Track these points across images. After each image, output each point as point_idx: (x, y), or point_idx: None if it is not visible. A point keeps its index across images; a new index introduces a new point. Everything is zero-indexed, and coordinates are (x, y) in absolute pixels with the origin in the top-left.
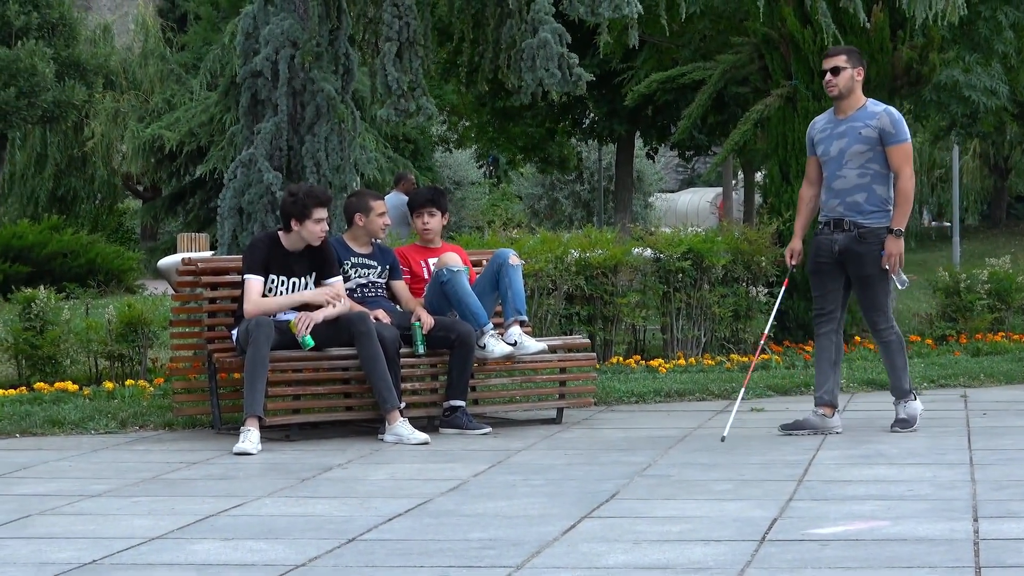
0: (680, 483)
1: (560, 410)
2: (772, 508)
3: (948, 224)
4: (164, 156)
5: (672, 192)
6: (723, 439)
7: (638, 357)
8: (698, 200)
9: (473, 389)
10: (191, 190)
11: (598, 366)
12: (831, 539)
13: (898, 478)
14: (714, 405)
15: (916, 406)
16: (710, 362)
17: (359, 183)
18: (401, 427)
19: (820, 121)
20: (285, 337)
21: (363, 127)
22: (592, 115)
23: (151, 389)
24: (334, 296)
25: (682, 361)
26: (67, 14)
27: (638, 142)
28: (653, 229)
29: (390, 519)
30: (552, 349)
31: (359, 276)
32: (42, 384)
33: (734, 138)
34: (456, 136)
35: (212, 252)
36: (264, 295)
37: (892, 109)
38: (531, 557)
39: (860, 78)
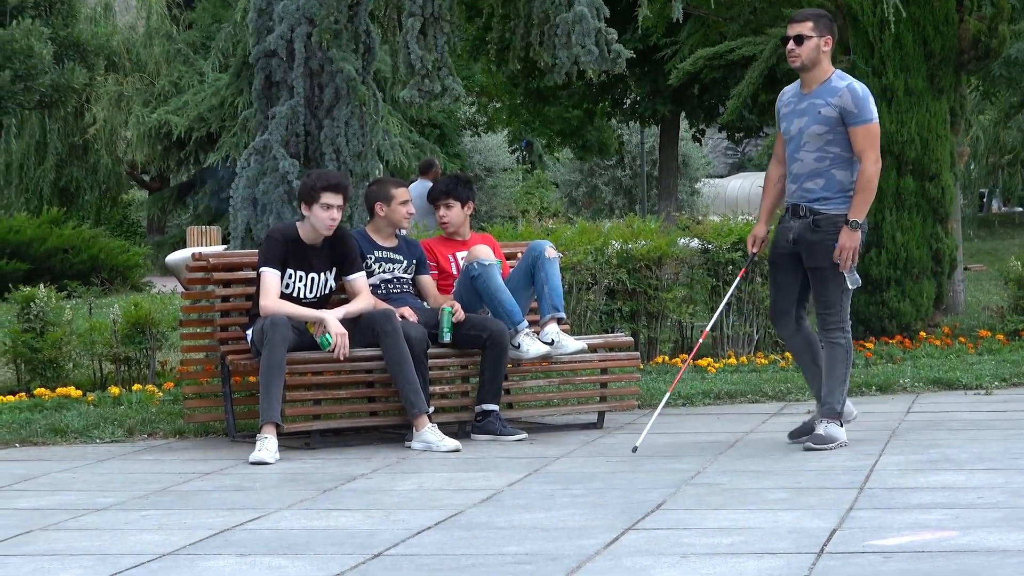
0: (731, 492)
1: (601, 414)
2: (831, 518)
3: (1020, 210)
4: (172, 143)
5: (721, 177)
6: (635, 449)
7: (685, 356)
8: (749, 185)
9: (507, 392)
10: (201, 180)
11: (642, 366)
12: (895, 551)
13: (967, 485)
14: (768, 407)
15: (839, 432)
16: (763, 361)
17: (382, 170)
18: (430, 433)
19: (787, 93)
20: (304, 338)
21: (385, 110)
22: (633, 95)
23: (160, 394)
24: (340, 335)
25: (733, 360)
26: None
27: (683, 124)
28: (700, 217)
29: (418, 532)
30: (592, 348)
31: (383, 271)
32: (43, 390)
33: None
34: (486, 119)
35: (224, 246)
36: (281, 291)
37: (856, 84)
38: (571, 573)
39: (828, 48)
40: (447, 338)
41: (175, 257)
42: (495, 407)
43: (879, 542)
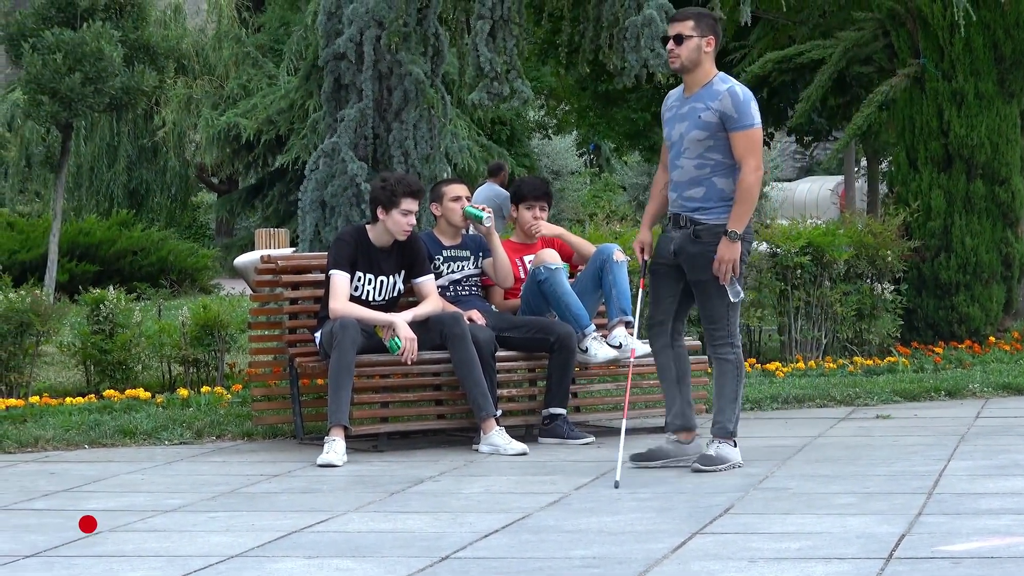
0: (799, 496)
1: None
2: (899, 523)
3: None
4: (240, 146)
5: (789, 181)
6: (616, 485)
7: (753, 360)
8: (817, 190)
9: (574, 396)
10: (270, 182)
11: (709, 370)
12: (964, 556)
13: None
14: (836, 412)
15: (732, 452)
16: (831, 365)
17: (450, 173)
18: (497, 436)
19: (672, 97)
20: (372, 340)
21: (454, 113)
22: None
23: (228, 396)
24: (409, 339)
25: (801, 364)
26: None
27: None
28: (769, 221)
29: (486, 536)
30: None
31: (451, 271)
32: (112, 392)
33: (857, 122)
34: (555, 122)
35: (293, 249)
36: (350, 294)
37: (738, 88)
38: None
39: (710, 49)
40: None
41: (243, 259)
42: (562, 411)
43: (948, 548)
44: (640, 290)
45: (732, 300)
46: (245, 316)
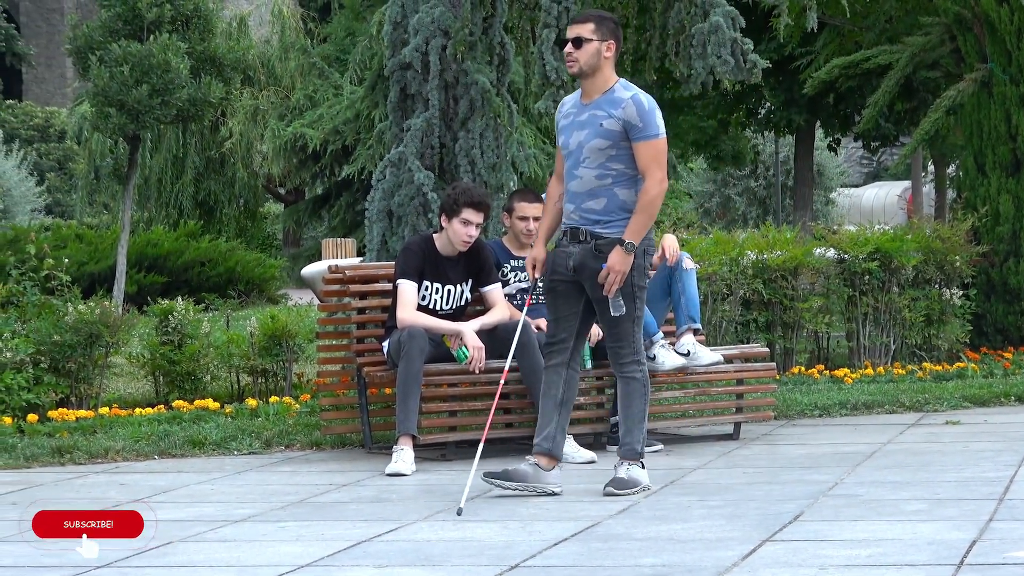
0: (869, 503)
1: (737, 425)
2: (970, 529)
3: None
4: (307, 156)
5: (856, 187)
6: (459, 512)
7: (821, 367)
8: (885, 195)
9: None
10: (336, 192)
11: (778, 377)
12: None
13: None
14: (905, 418)
15: (642, 475)
16: (900, 371)
17: (516, 182)
18: (566, 445)
19: (567, 103)
20: (440, 349)
21: (520, 121)
22: (768, 105)
23: (297, 406)
24: (477, 348)
25: (869, 371)
26: (202, 6)
27: (818, 133)
28: (836, 227)
29: (555, 544)
30: (728, 359)
31: (519, 280)
32: (181, 402)
33: (924, 127)
34: None
35: (360, 259)
36: (417, 303)
37: (642, 96)
38: None
39: (611, 54)
40: (589, 365)
41: (311, 270)
42: None
43: (1019, 554)
44: (525, 308)
45: (613, 314)
46: (313, 326)
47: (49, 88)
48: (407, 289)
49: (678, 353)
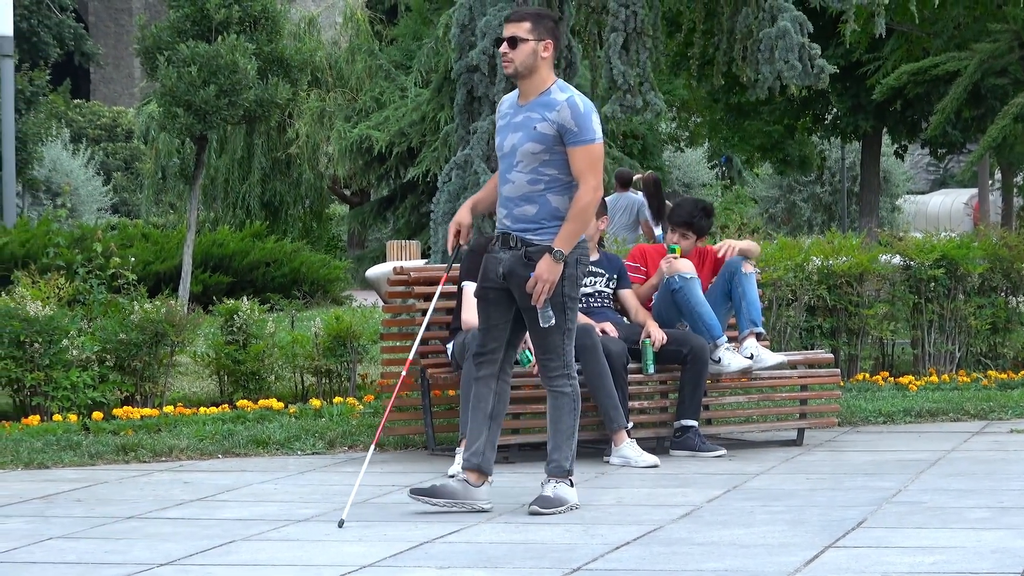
0: (932, 510)
1: (801, 431)
2: None
3: None
4: (373, 158)
5: (922, 194)
6: (341, 523)
7: (886, 374)
8: (951, 202)
9: (706, 408)
10: (401, 194)
11: (842, 383)
12: None
13: None
14: (970, 426)
15: (569, 493)
16: (965, 379)
17: None
18: (628, 448)
19: (505, 103)
20: None
21: None
22: (835, 110)
23: (360, 407)
24: None
25: (934, 378)
26: (270, 7)
27: (885, 139)
28: (902, 234)
29: (617, 547)
30: (792, 364)
31: (584, 284)
32: (245, 402)
33: (992, 134)
34: (687, 134)
35: (424, 261)
36: None
37: (579, 98)
38: None
39: (548, 55)
40: (652, 370)
41: (375, 271)
42: (694, 423)
43: None
44: (440, 285)
45: (542, 325)
46: (377, 327)
47: (117, 88)
48: (471, 291)
49: (742, 356)
